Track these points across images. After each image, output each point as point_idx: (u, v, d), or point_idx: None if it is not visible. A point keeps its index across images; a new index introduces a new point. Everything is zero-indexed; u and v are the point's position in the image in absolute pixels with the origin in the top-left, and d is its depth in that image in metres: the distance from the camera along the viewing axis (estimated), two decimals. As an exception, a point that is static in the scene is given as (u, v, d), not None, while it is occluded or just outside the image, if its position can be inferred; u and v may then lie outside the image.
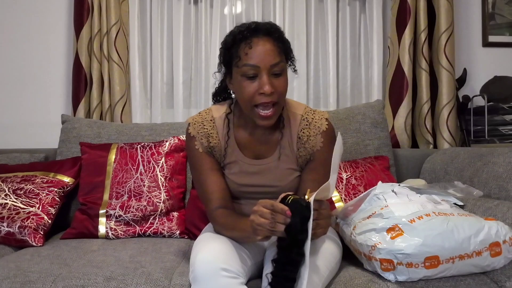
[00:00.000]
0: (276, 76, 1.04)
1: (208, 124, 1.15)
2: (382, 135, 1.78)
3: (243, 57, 1.01)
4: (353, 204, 1.21)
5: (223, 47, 1.08)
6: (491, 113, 1.99)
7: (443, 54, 2.04)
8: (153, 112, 2.19)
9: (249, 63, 1.01)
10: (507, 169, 1.32)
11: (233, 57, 1.04)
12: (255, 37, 1.02)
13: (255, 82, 1.02)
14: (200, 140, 1.14)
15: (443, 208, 1.09)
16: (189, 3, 2.20)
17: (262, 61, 1.01)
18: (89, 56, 2.04)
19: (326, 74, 2.22)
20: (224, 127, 1.16)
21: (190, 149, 1.17)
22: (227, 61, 1.08)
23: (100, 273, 1.09)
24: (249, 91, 1.03)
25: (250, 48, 1.01)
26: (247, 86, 1.03)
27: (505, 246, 1.02)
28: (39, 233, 1.41)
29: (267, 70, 1.01)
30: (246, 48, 1.01)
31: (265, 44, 1.02)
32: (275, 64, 1.02)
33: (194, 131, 1.15)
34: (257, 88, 1.02)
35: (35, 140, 2.10)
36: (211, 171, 1.14)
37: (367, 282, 1.02)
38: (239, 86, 1.04)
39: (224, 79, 1.16)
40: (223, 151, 1.16)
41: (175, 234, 1.53)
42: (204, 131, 1.14)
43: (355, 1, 2.28)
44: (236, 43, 1.03)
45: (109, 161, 1.61)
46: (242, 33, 1.03)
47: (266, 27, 1.04)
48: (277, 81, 1.03)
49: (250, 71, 1.01)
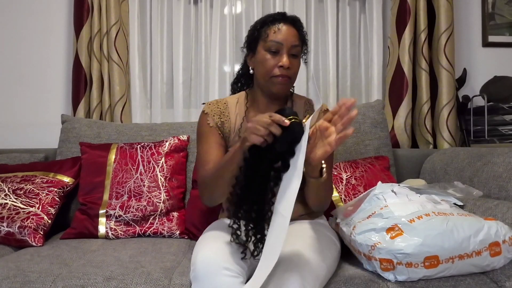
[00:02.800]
0: (293, 56, 1.21)
1: (221, 105, 1.31)
2: (382, 135, 1.78)
3: (271, 34, 1.20)
4: (353, 204, 1.21)
5: (253, 28, 1.26)
6: (491, 113, 1.99)
7: (443, 54, 2.04)
8: (153, 112, 2.19)
9: (275, 39, 1.19)
10: (507, 169, 1.32)
11: (262, 34, 1.22)
12: (283, 21, 1.21)
13: (276, 57, 1.19)
14: (212, 116, 1.27)
15: (443, 208, 1.09)
16: (189, 3, 2.20)
17: (286, 40, 1.19)
18: (89, 56, 2.04)
19: (326, 74, 2.22)
20: (236, 108, 1.30)
21: (201, 124, 1.29)
22: (255, 39, 1.24)
23: (100, 273, 1.09)
24: (270, 64, 1.20)
25: (279, 29, 1.20)
26: (269, 59, 1.20)
27: (504, 246, 1.02)
28: (39, 233, 1.41)
29: (287, 49, 1.19)
30: (275, 28, 1.20)
31: (289, 29, 1.21)
32: (295, 45, 1.20)
33: (208, 109, 1.29)
34: (277, 62, 1.19)
35: (35, 140, 2.11)
36: (215, 144, 1.25)
37: (367, 282, 1.02)
38: (262, 58, 1.21)
39: (245, 61, 1.33)
40: (233, 128, 1.28)
41: (175, 234, 1.53)
42: (217, 110, 1.29)
43: (355, 1, 2.28)
44: (267, 24, 1.22)
45: (109, 161, 1.61)
46: (273, 17, 1.23)
47: (292, 17, 1.24)
48: (293, 60, 1.21)
49: (274, 46, 1.19)
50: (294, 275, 0.92)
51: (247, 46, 1.28)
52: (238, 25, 2.22)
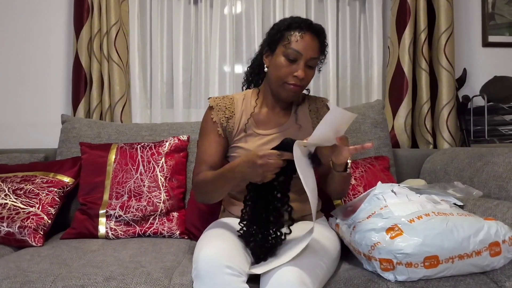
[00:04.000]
0: (309, 67, 1.21)
1: (227, 100, 1.32)
2: (382, 135, 1.78)
3: (293, 42, 1.18)
4: (352, 204, 1.21)
5: (276, 28, 1.24)
6: (491, 113, 1.99)
7: (443, 54, 2.04)
8: (153, 112, 2.19)
9: (295, 48, 1.18)
10: (507, 169, 1.32)
11: (284, 38, 1.20)
12: (308, 31, 1.19)
13: (293, 65, 1.19)
14: (217, 112, 1.29)
15: (443, 208, 1.09)
16: (189, 3, 2.20)
17: (306, 51, 1.18)
18: (89, 56, 2.04)
19: (326, 74, 2.22)
20: (242, 105, 1.31)
21: (205, 119, 1.32)
22: (276, 40, 1.22)
23: (100, 273, 1.09)
24: (285, 71, 1.19)
25: (302, 37, 1.18)
26: (285, 66, 1.19)
27: (504, 246, 1.02)
28: (39, 233, 1.41)
29: (306, 60, 1.19)
30: (298, 36, 1.18)
31: (313, 40, 1.19)
32: (313, 58, 1.20)
33: (213, 103, 1.31)
34: (293, 71, 1.19)
35: (35, 140, 2.11)
36: (214, 143, 1.27)
37: (367, 282, 1.02)
38: (279, 63, 1.20)
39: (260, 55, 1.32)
40: (237, 124, 1.29)
41: (175, 234, 1.54)
42: (223, 104, 1.30)
43: (355, 1, 2.28)
44: (291, 28, 1.20)
45: (109, 161, 1.61)
46: (299, 23, 1.20)
47: (318, 27, 1.22)
48: (308, 71, 1.21)
49: (293, 54, 1.18)
50: (294, 275, 0.92)
51: (267, 44, 1.26)
52: (238, 25, 2.22)
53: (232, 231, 1.14)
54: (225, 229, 1.15)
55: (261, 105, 1.32)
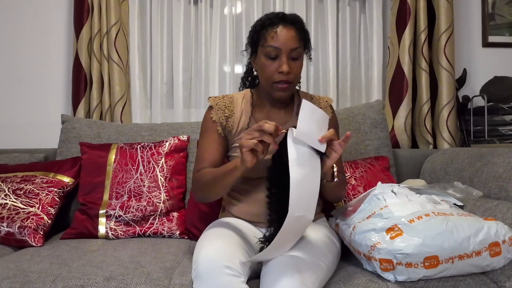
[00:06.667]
0: (293, 59, 1.18)
1: (227, 99, 1.31)
2: (382, 135, 1.78)
3: (269, 39, 1.16)
4: (352, 205, 1.21)
5: (252, 30, 1.23)
6: (491, 113, 1.99)
7: (443, 54, 2.04)
8: (153, 112, 2.19)
9: (273, 45, 1.16)
10: (507, 169, 1.32)
11: (260, 39, 1.19)
12: (281, 24, 1.17)
13: (275, 62, 1.17)
14: (216, 111, 1.28)
15: (443, 208, 1.09)
16: (189, 3, 2.20)
17: (284, 45, 1.15)
18: (89, 56, 2.04)
19: (326, 74, 2.22)
20: (242, 104, 1.30)
21: (205, 119, 1.31)
22: (254, 42, 1.22)
23: (100, 273, 1.09)
24: (270, 70, 1.18)
25: (276, 33, 1.16)
26: (269, 65, 1.18)
27: (504, 246, 1.02)
28: (39, 233, 1.41)
29: (287, 53, 1.16)
30: (272, 32, 1.16)
31: (288, 31, 1.16)
32: (294, 48, 1.16)
33: (213, 102, 1.30)
34: (277, 67, 1.17)
35: (35, 140, 2.11)
36: (213, 143, 1.27)
37: (367, 282, 1.02)
38: (262, 64, 1.19)
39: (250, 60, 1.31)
40: (237, 123, 1.28)
41: (175, 235, 1.54)
42: (222, 103, 1.30)
43: (355, 1, 2.28)
44: (265, 27, 1.19)
45: (109, 161, 1.61)
46: (271, 19, 1.18)
47: (291, 17, 1.20)
48: (293, 63, 1.18)
49: (272, 52, 1.16)
50: (294, 275, 0.92)
51: (250, 47, 1.27)
52: (238, 25, 2.22)
53: (232, 231, 1.14)
54: (225, 229, 1.15)
55: (262, 105, 1.32)
